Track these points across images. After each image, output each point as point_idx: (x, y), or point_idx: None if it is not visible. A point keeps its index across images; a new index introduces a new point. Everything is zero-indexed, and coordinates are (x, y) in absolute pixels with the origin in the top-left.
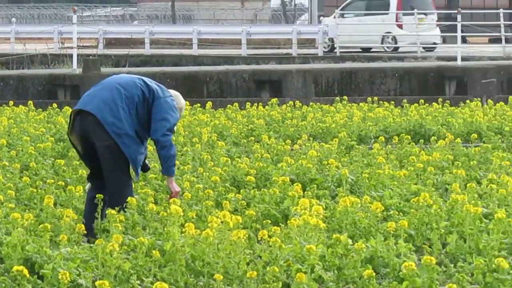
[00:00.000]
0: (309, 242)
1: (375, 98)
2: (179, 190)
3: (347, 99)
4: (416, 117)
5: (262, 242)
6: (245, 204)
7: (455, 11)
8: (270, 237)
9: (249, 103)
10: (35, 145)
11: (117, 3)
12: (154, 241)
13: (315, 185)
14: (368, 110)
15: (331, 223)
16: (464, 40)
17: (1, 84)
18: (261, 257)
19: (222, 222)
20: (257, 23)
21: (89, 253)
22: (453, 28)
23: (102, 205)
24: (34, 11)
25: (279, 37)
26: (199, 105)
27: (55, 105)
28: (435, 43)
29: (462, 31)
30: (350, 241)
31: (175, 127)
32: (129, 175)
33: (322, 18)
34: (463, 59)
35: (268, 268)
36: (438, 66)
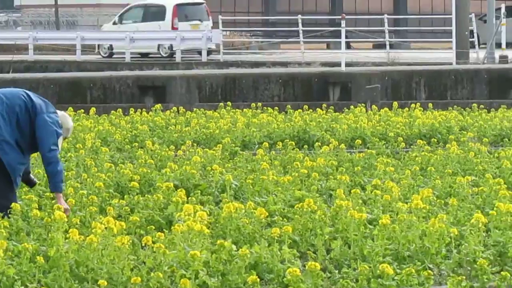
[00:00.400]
0: (193, 248)
1: (259, 104)
2: (67, 208)
3: (231, 104)
4: (300, 122)
5: (146, 248)
6: (129, 210)
7: (339, 16)
8: (154, 243)
9: (133, 109)
10: None
11: (1, 9)
12: (38, 247)
13: (199, 191)
14: (252, 116)
15: (215, 229)
16: (348, 46)
17: None
18: (145, 263)
19: (106, 228)
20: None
21: None
22: (337, 34)
23: None
24: None
25: (163, 43)
26: (82, 111)
27: None
28: (210, 48)
29: (346, 36)
30: (234, 247)
31: (60, 142)
32: (11, 181)
33: (103, 25)
34: (347, 64)
35: (152, 274)
36: (322, 72)
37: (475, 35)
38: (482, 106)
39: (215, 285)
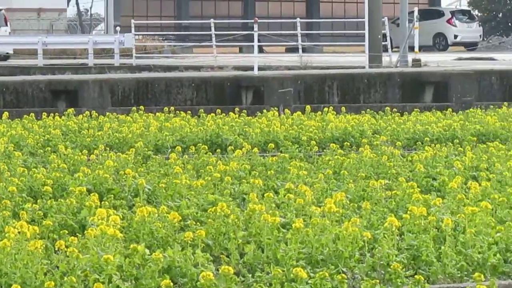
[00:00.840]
0: (106, 252)
1: (172, 108)
2: None
3: (143, 109)
4: (213, 126)
5: (59, 253)
6: (42, 214)
7: (252, 20)
8: (67, 247)
9: (45, 113)
10: None
11: None
12: None
13: (112, 195)
14: (164, 120)
15: (128, 233)
16: (261, 50)
17: None
18: (58, 267)
19: (19, 232)
20: (53, 33)
21: None
22: (250, 38)
23: None
24: None
25: (75, 47)
26: None
27: None
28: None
29: (258, 40)
30: (147, 251)
31: None
32: None
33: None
34: (260, 68)
35: (65, 278)
36: (235, 76)
37: (388, 38)
38: (395, 109)
39: None
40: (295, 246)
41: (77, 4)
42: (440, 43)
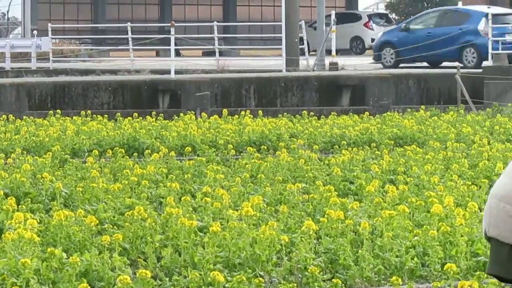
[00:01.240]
0: (23, 256)
1: (89, 112)
2: None
3: (60, 112)
4: (130, 130)
5: None
6: None
7: (169, 24)
8: None
9: None
10: None
11: None
12: None
13: (29, 199)
14: (81, 124)
15: (46, 236)
16: (178, 53)
17: None
18: None
19: None
20: None
21: None
22: (167, 41)
23: None
24: None
25: None
26: None
27: None
28: None
29: (175, 44)
30: (64, 254)
31: None
32: None
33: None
34: (177, 72)
35: None
36: (152, 79)
37: (305, 42)
38: (312, 113)
39: None
40: (212, 249)
41: None
42: (357, 46)
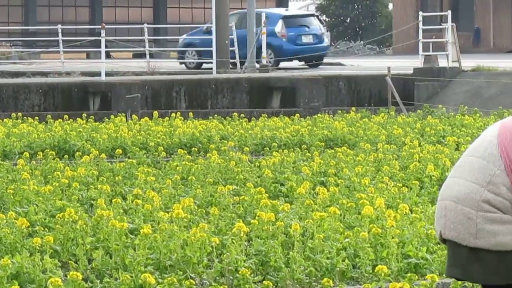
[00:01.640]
0: None
1: (19, 114)
2: None
3: None
4: (61, 132)
5: None
6: None
7: (99, 26)
8: None
9: None
10: None
11: None
12: None
13: None
14: (12, 126)
15: None
16: (108, 55)
17: None
18: None
19: None
20: None
21: None
22: (97, 44)
23: None
24: None
25: None
26: None
27: None
28: None
29: (106, 46)
30: None
31: None
32: None
33: None
34: (108, 74)
35: None
36: (83, 82)
37: (235, 44)
38: (242, 115)
39: None
40: (143, 251)
41: None
42: None
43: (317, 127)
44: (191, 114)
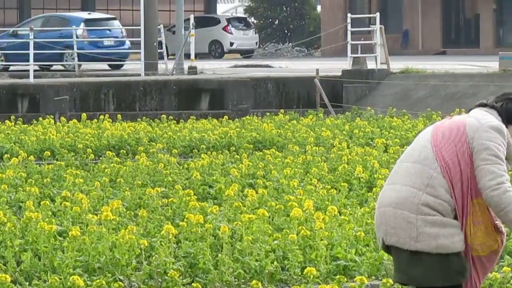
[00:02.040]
0: None
1: None
2: None
3: None
4: None
5: None
6: None
7: (27, 28)
8: None
9: None
10: None
11: None
12: None
13: None
14: None
15: None
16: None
17: None
18: None
19: None
20: None
21: None
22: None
23: None
24: None
25: None
26: None
27: None
28: None
29: (35, 48)
30: None
31: None
32: None
33: None
34: (36, 76)
35: None
36: (11, 84)
37: (164, 46)
38: (171, 117)
39: None
40: (72, 254)
41: None
42: (216, 50)
43: (245, 129)
44: (119, 116)
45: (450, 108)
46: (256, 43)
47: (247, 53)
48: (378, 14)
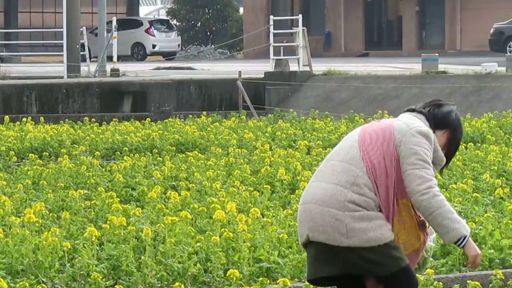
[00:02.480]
0: None
1: None
2: None
3: None
4: None
5: None
6: None
7: None
8: None
9: None
10: None
11: None
12: None
13: None
14: None
15: None
16: None
17: None
18: None
19: None
20: None
21: None
22: None
23: None
24: None
25: None
26: None
27: None
28: None
29: None
30: None
31: None
32: None
33: None
34: None
35: None
36: None
37: (86, 48)
38: (93, 119)
39: None
40: None
41: None
42: (138, 52)
43: (168, 132)
44: (42, 118)
45: (373, 110)
46: (179, 45)
47: (169, 55)
48: (300, 16)
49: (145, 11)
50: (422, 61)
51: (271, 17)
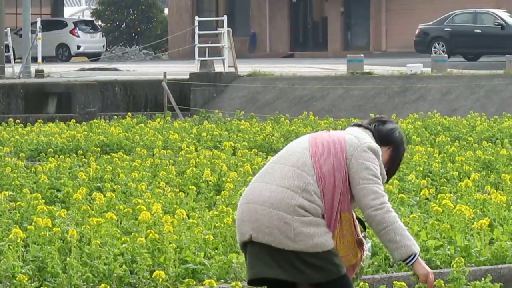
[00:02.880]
0: None
1: None
2: None
3: None
4: None
5: None
6: None
7: None
8: None
9: None
10: None
11: None
12: None
13: None
14: None
15: None
16: None
17: None
18: None
19: None
20: None
21: None
22: None
23: None
24: None
25: None
26: None
27: None
28: None
29: None
30: None
31: None
32: None
33: None
34: None
35: None
36: None
37: (10, 49)
38: (18, 120)
39: None
40: None
41: None
42: (63, 53)
43: (93, 133)
44: None
45: (298, 111)
46: (103, 46)
47: (94, 56)
48: (225, 17)
49: (69, 12)
50: (348, 62)
51: (196, 18)
